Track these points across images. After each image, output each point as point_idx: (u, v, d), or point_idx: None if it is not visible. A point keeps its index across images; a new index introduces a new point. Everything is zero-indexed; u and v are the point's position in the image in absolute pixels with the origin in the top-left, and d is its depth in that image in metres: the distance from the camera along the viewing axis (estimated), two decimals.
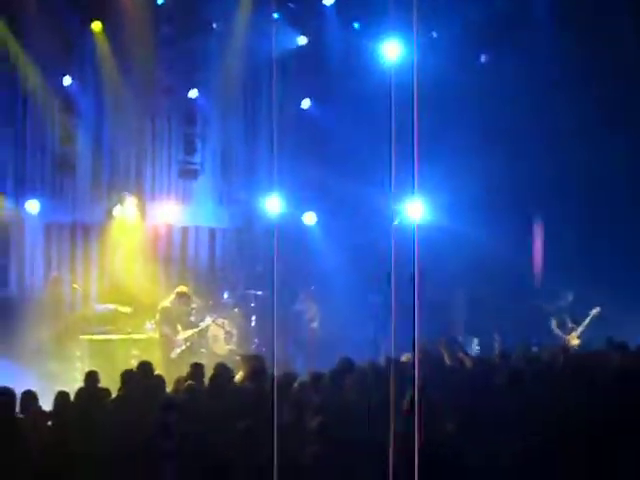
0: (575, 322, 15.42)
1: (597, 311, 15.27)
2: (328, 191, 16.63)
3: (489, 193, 16.32)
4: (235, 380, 10.01)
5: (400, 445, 5.36)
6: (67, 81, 15.42)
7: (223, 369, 9.91)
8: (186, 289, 14.60)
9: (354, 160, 16.08)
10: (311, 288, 16.40)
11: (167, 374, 10.49)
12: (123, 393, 9.44)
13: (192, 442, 7.87)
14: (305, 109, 17.43)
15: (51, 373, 13.39)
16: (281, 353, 13.06)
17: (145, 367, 10.07)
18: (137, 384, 9.68)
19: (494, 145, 16.33)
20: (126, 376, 9.73)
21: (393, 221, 5.52)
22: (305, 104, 17.41)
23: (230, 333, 15.28)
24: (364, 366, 10.06)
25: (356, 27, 17.06)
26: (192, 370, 10.05)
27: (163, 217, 16.63)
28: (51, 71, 15.11)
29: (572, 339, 15.29)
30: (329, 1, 16.79)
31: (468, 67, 16.52)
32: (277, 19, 14.65)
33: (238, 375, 10.22)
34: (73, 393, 9.25)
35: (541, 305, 15.91)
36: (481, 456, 7.39)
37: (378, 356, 11.50)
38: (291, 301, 15.96)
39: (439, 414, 7.84)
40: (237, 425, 7.89)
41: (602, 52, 16.05)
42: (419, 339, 5.53)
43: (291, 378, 9.68)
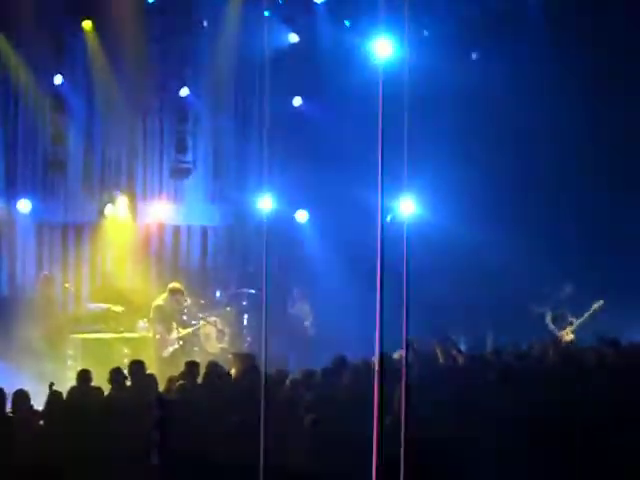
0: (575, 315, 15.13)
1: (599, 305, 14.87)
2: (320, 189, 16.60)
3: (482, 190, 16.33)
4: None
5: (390, 442, 5.38)
6: (58, 80, 15.37)
7: (215, 367, 9.92)
8: (179, 285, 14.61)
9: (346, 157, 16.04)
10: (303, 286, 16.39)
11: (159, 373, 10.49)
12: (114, 392, 9.43)
13: (184, 440, 7.87)
14: (296, 107, 17.41)
15: (43, 372, 13.34)
16: (273, 351, 13.04)
17: (137, 366, 10.06)
18: (128, 382, 9.68)
19: (486, 142, 16.36)
20: (116, 375, 9.71)
21: (385, 218, 5.52)
22: (296, 102, 17.40)
23: (222, 332, 15.28)
24: (357, 363, 10.08)
25: (347, 25, 17.06)
26: (187, 368, 10.05)
27: (155, 216, 16.59)
28: (42, 70, 15.07)
29: (566, 334, 15.06)
30: None
31: (459, 64, 16.51)
32: (268, 17, 14.63)
33: (230, 373, 10.24)
34: (65, 392, 9.25)
35: (536, 303, 15.78)
36: (471, 452, 7.41)
37: (371, 354, 11.48)
38: (283, 299, 15.96)
39: (430, 411, 7.85)
40: (229, 422, 7.90)
41: (595, 49, 16.09)
42: (407, 335, 5.55)
43: (283, 375, 9.70)
